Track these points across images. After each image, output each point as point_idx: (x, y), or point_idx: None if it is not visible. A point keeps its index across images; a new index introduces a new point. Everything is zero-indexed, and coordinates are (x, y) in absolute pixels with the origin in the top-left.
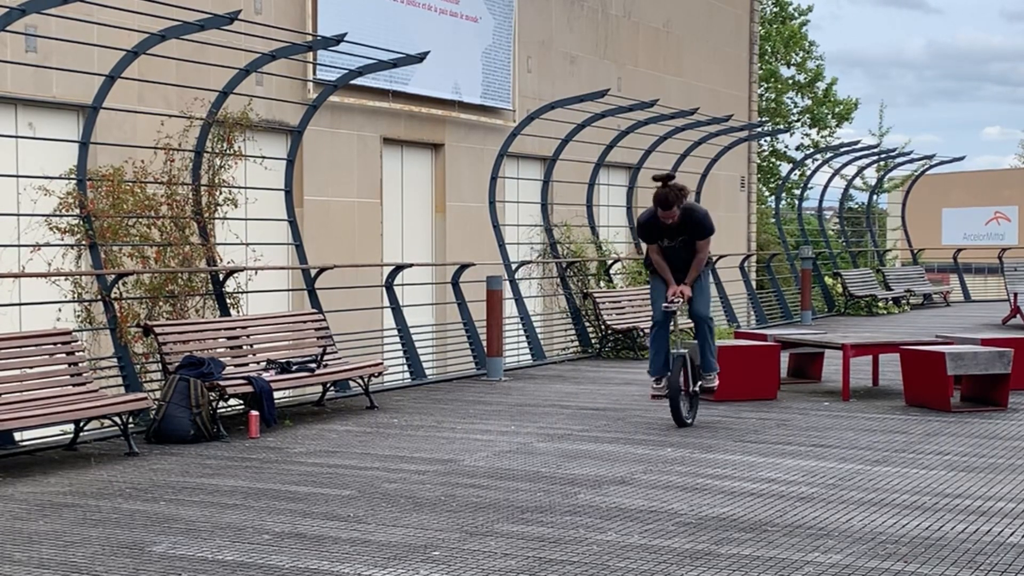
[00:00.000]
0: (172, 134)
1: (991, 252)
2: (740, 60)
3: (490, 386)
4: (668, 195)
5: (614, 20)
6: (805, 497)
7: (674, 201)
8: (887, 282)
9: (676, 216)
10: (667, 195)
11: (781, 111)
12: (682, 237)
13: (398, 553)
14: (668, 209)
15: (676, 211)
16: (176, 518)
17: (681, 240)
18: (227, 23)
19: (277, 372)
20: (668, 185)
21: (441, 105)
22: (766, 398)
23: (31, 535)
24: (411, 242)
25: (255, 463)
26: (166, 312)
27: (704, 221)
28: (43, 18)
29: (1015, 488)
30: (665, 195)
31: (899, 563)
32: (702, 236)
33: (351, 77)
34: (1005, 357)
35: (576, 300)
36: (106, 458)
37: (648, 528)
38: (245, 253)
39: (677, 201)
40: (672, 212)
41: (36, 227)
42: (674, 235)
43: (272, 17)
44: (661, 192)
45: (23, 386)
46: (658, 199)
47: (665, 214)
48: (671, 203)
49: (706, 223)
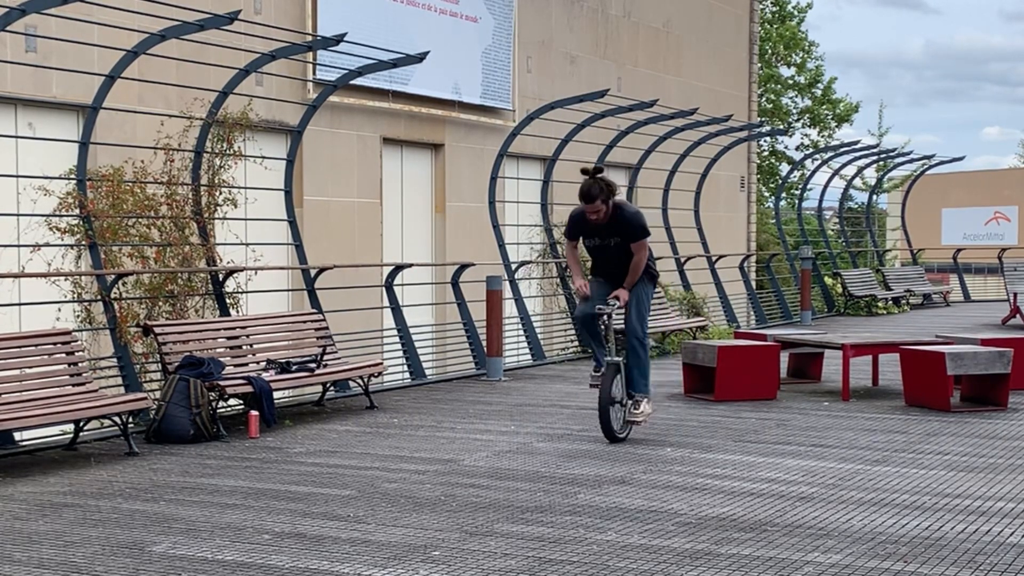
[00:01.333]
0: (172, 134)
1: (991, 252)
2: (740, 60)
3: (490, 386)
4: (591, 189)
5: (614, 20)
6: (805, 497)
7: (597, 195)
8: (887, 282)
9: (603, 213)
10: (590, 188)
11: (781, 112)
12: (615, 238)
13: (398, 553)
14: (591, 203)
15: (602, 207)
16: (176, 518)
17: (615, 242)
18: (227, 23)
19: (277, 372)
20: (594, 178)
21: (441, 105)
22: (766, 398)
23: (31, 535)
24: (411, 242)
25: (255, 463)
26: (166, 312)
27: (634, 220)
28: (43, 18)
29: (1015, 488)
30: (588, 188)
31: (899, 563)
32: (634, 237)
33: (351, 77)
34: (1005, 357)
35: (576, 300)
36: (106, 458)
37: (648, 528)
38: (245, 253)
39: (601, 196)
40: (597, 207)
41: (36, 227)
42: (605, 235)
43: (272, 17)
44: (584, 185)
45: (23, 386)
46: (580, 192)
47: (589, 208)
48: (594, 197)
49: (635, 223)
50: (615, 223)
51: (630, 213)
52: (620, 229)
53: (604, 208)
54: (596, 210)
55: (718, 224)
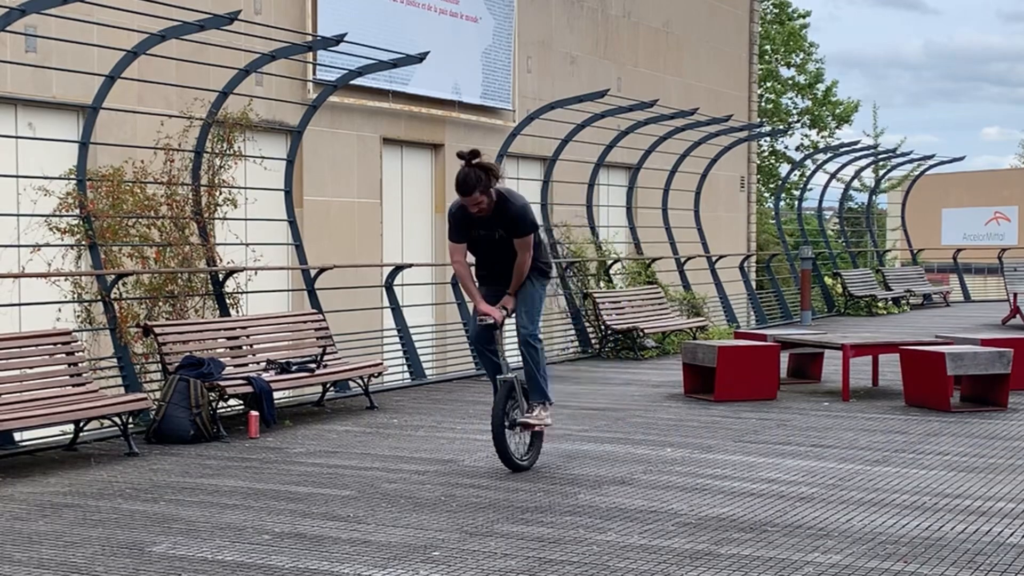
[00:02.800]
0: (172, 134)
1: (991, 252)
2: (740, 60)
3: (490, 386)
4: (468, 176)
5: (614, 20)
6: (805, 497)
7: (475, 184)
8: (887, 282)
9: (485, 204)
10: (466, 176)
11: (781, 112)
12: (499, 231)
13: (398, 553)
14: (468, 195)
15: (482, 197)
16: (176, 518)
17: (499, 234)
18: (227, 23)
19: (277, 372)
20: (470, 164)
21: (441, 105)
22: (766, 398)
23: (31, 535)
24: (411, 242)
25: (255, 463)
26: (166, 312)
27: (521, 214)
28: (43, 18)
29: (1015, 488)
30: (463, 177)
31: (899, 563)
32: (519, 233)
33: (351, 77)
34: (1005, 357)
35: (576, 300)
36: (106, 458)
37: (648, 528)
38: (245, 253)
39: (479, 184)
40: (475, 198)
41: (36, 227)
42: (489, 227)
43: (272, 17)
44: (459, 174)
45: (23, 386)
46: (456, 183)
47: (467, 200)
48: (471, 187)
49: (523, 216)
50: (500, 216)
51: (517, 206)
52: (506, 223)
53: (485, 199)
54: (476, 202)
55: (718, 224)
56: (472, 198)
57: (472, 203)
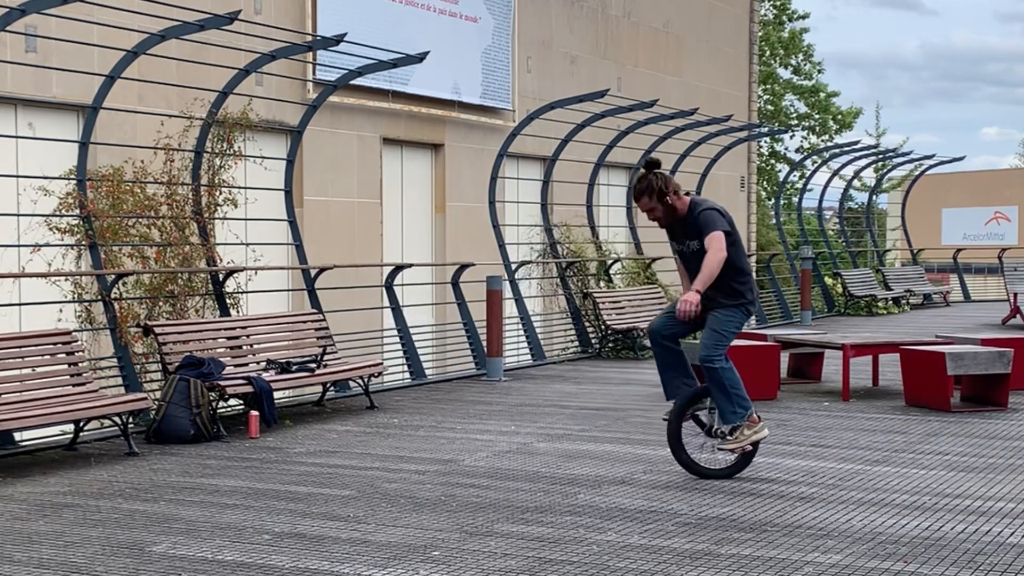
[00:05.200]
0: (172, 134)
1: (991, 252)
2: (740, 60)
3: (490, 386)
4: (638, 182)
5: (614, 20)
6: (805, 497)
7: (644, 191)
8: (887, 282)
9: (660, 213)
10: (637, 182)
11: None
12: (690, 242)
13: (398, 553)
14: (636, 200)
15: (653, 204)
16: (176, 518)
17: (692, 246)
18: (227, 23)
19: (277, 372)
20: (649, 174)
21: (441, 105)
22: (766, 398)
23: (31, 535)
24: (411, 242)
25: (255, 463)
26: (166, 312)
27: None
28: (43, 18)
29: (1015, 488)
30: (635, 182)
31: (899, 563)
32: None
33: (351, 77)
34: (1005, 357)
35: (576, 300)
36: (106, 458)
37: (648, 528)
38: (245, 253)
39: (648, 192)
40: (644, 203)
41: (36, 227)
42: (680, 235)
43: (272, 17)
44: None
45: (23, 386)
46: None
47: (638, 206)
48: (639, 193)
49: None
50: (686, 225)
51: (701, 210)
52: (691, 230)
53: (658, 207)
54: (646, 208)
55: None
56: (641, 203)
57: (643, 208)
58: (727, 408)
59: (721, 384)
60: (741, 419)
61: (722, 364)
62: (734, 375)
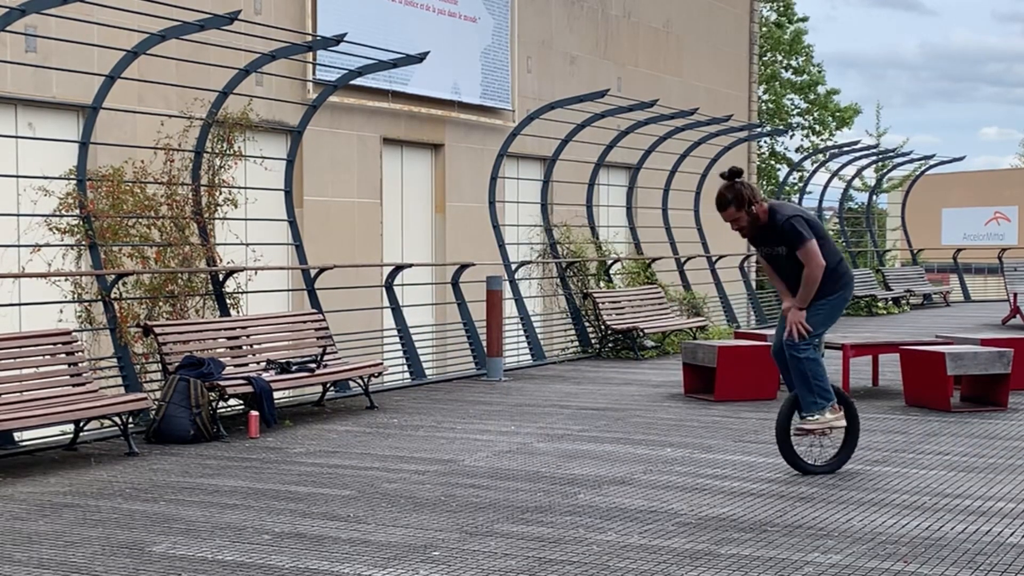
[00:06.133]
0: (172, 134)
1: (991, 252)
2: (740, 60)
3: (490, 386)
4: (722, 193)
5: (614, 20)
6: (805, 497)
7: (729, 201)
8: (887, 282)
9: (745, 222)
10: (721, 193)
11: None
12: (777, 248)
13: (398, 553)
14: (722, 211)
15: (738, 214)
16: (176, 518)
17: (779, 251)
18: (227, 23)
19: (277, 372)
20: (734, 183)
21: (441, 105)
22: (766, 398)
23: (31, 535)
24: (411, 242)
25: (255, 463)
26: (166, 312)
27: (788, 226)
28: (43, 18)
29: (1015, 488)
30: (719, 193)
31: (899, 563)
32: (795, 245)
33: (351, 77)
34: (1005, 357)
35: (576, 300)
36: (106, 458)
37: (648, 528)
38: (245, 253)
39: (733, 202)
40: (730, 214)
41: (36, 227)
42: (767, 242)
43: (272, 17)
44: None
45: (23, 386)
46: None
47: (723, 216)
48: (725, 203)
49: (790, 227)
50: (772, 232)
51: (783, 217)
52: (777, 237)
53: (743, 216)
54: (732, 218)
55: (718, 224)
56: (727, 213)
57: (728, 219)
58: (807, 398)
59: (803, 374)
60: (820, 410)
61: (808, 354)
62: (818, 366)
